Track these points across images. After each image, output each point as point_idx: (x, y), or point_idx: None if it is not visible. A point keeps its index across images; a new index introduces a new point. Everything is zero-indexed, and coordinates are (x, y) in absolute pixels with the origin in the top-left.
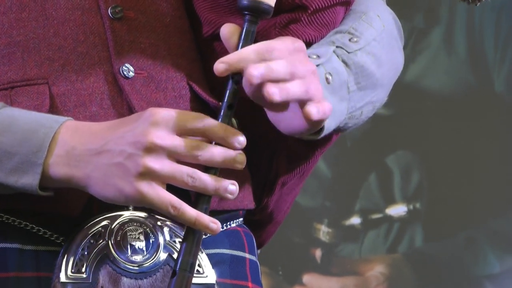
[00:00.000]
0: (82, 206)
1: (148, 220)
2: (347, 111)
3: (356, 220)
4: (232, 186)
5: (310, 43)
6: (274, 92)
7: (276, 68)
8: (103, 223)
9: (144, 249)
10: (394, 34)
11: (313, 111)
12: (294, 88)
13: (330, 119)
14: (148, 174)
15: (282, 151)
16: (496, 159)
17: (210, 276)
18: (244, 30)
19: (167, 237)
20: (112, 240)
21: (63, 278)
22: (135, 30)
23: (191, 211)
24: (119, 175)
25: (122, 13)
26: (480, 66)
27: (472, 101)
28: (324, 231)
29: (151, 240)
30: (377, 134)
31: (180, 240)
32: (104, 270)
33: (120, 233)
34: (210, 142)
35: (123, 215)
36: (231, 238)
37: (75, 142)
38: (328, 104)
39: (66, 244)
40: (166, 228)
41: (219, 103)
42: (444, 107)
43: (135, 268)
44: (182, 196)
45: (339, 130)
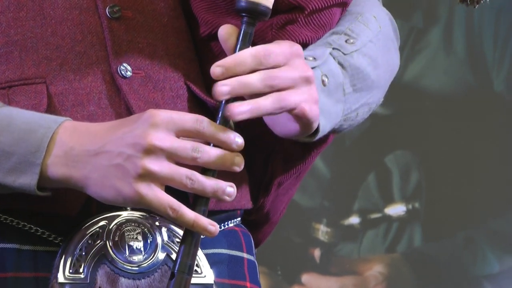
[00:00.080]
0: (80, 206)
1: (146, 220)
2: (343, 113)
3: (355, 219)
4: (230, 188)
5: (306, 44)
6: (237, 112)
7: (250, 82)
8: (101, 224)
9: (142, 249)
10: (390, 35)
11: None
12: (265, 105)
13: (325, 121)
14: (147, 176)
15: (278, 152)
16: (496, 159)
17: (208, 276)
18: (242, 32)
19: (165, 237)
20: (110, 241)
21: (61, 279)
22: (133, 30)
23: (189, 213)
24: (118, 176)
25: (120, 12)
26: (479, 66)
27: (471, 100)
28: (323, 230)
29: (149, 240)
30: (376, 134)
31: (178, 240)
32: (102, 271)
33: (118, 233)
34: (208, 144)
35: (121, 215)
36: (229, 238)
37: (73, 143)
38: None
39: (64, 245)
40: (164, 228)
41: (217, 102)
42: (443, 106)
43: (133, 269)
44: (180, 198)
45: (334, 131)
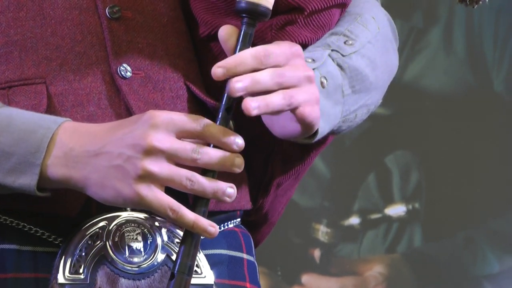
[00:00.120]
0: (80, 207)
1: (146, 221)
2: (341, 114)
3: (355, 220)
4: (230, 189)
5: (305, 45)
6: (253, 107)
7: (261, 80)
8: (101, 224)
9: (142, 250)
10: (389, 36)
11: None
12: (276, 101)
13: (324, 122)
14: (147, 177)
15: (277, 153)
16: (495, 159)
17: (209, 276)
18: (242, 33)
19: (165, 238)
20: (110, 241)
21: (61, 279)
22: (132, 30)
23: (189, 214)
24: (118, 177)
25: (120, 13)
26: (479, 66)
27: (471, 101)
28: (323, 231)
29: (149, 241)
30: (376, 134)
31: (178, 241)
32: (102, 271)
33: (118, 234)
34: (209, 145)
35: (121, 216)
36: (229, 238)
37: (73, 143)
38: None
39: (64, 245)
40: (164, 229)
41: (217, 103)
42: (443, 106)
43: (133, 269)
44: (180, 199)
45: (332, 133)
